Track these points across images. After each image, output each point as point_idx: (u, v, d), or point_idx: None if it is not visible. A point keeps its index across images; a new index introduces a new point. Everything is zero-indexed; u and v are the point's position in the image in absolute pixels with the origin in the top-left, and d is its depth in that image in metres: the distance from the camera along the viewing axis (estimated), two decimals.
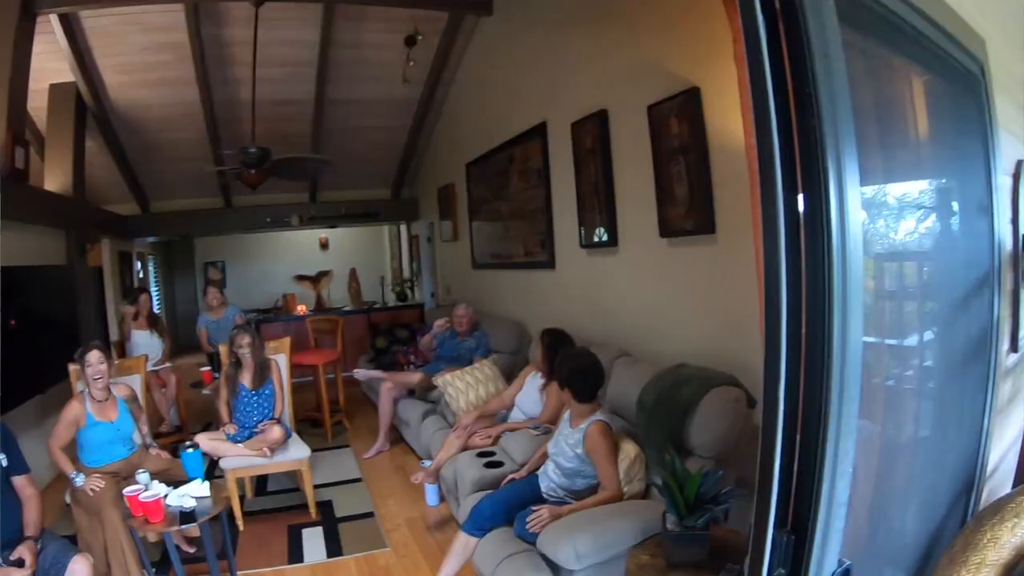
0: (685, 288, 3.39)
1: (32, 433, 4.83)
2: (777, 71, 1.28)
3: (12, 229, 5.22)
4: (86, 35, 6.02)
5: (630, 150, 3.77)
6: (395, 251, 11.66)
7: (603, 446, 2.81)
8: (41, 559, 2.74)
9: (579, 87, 4.38)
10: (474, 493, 3.42)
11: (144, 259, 11.37)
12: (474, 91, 6.76)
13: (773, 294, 1.31)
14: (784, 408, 1.27)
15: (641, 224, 3.69)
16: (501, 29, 5.85)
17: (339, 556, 3.73)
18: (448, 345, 5.53)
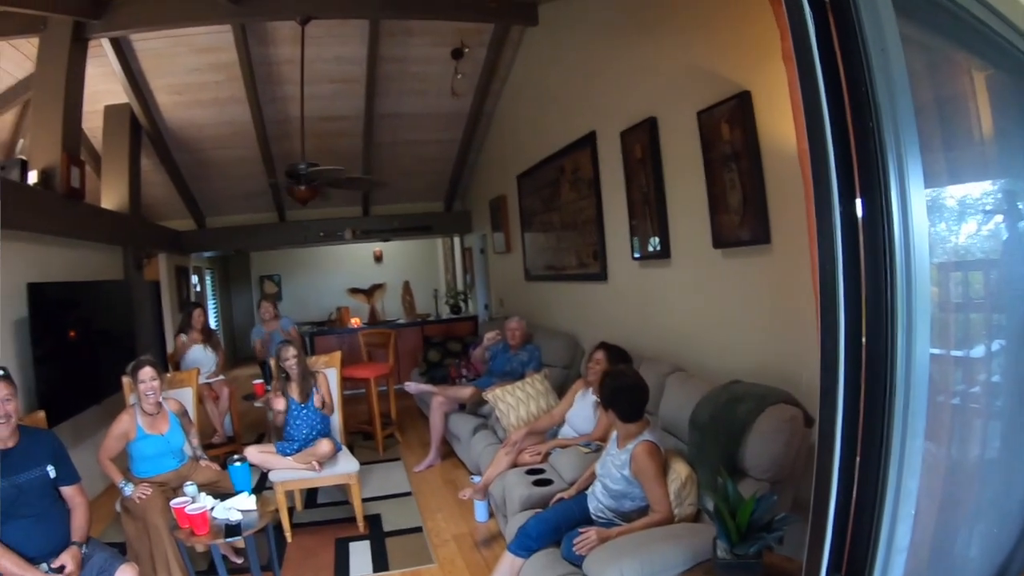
0: (740, 300, 3.25)
1: (88, 442, 4.99)
2: (829, 67, 1.19)
3: (71, 246, 5.44)
4: (138, 58, 6.22)
5: (681, 158, 3.67)
6: (448, 264, 11.70)
7: (651, 467, 2.70)
8: (88, 567, 2.79)
9: (627, 95, 4.29)
10: (522, 511, 3.35)
11: (201, 273, 11.71)
12: (523, 102, 6.73)
13: (829, 306, 1.21)
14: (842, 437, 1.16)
15: (694, 235, 3.57)
16: (547, 39, 5.82)
17: (385, 571, 3.71)
18: (500, 358, 5.48)
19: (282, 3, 5.52)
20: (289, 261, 13.30)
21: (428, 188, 9.49)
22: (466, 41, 6.24)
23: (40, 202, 5.01)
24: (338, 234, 9.68)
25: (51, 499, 2.88)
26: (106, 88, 6.51)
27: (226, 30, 5.87)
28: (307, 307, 11.74)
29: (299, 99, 6.39)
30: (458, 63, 6.40)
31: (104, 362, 5.36)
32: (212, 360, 6.22)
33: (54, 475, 2.90)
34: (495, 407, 4.64)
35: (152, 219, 8.69)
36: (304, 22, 5.66)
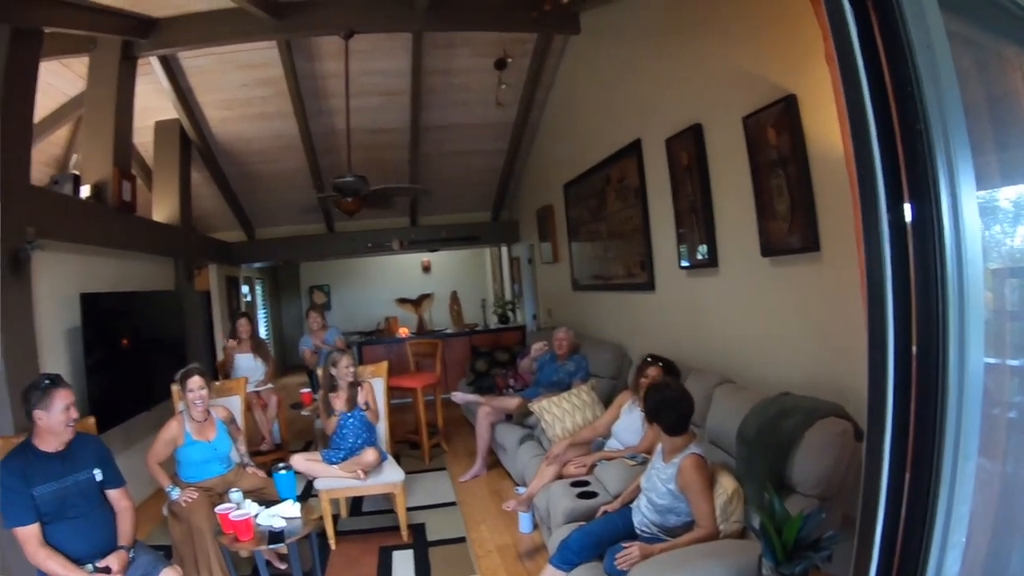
0: (789, 310, 3.15)
1: (136, 448, 5.14)
2: (873, 67, 1.14)
3: (123, 257, 5.64)
4: (186, 74, 6.42)
5: (727, 165, 3.59)
6: (496, 274, 11.72)
7: (697, 481, 2.63)
8: (132, 569, 2.86)
9: (671, 102, 4.24)
10: (566, 524, 3.31)
11: (251, 283, 11.98)
12: (567, 111, 6.71)
13: (877, 316, 1.16)
14: (890, 457, 1.11)
15: (741, 243, 3.49)
16: (590, 47, 5.79)
17: None
18: (548, 369, 5.45)
19: (325, 18, 5.64)
20: (338, 271, 13.52)
21: (475, 198, 9.54)
22: (509, 51, 6.26)
23: (93, 215, 5.20)
24: (386, 245, 9.80)
25: (97, 502, 2.96)
26: (156, 104, 6.74)
27: (271, 46, 6.02)
28: (355, 317, 11.90)
29: (345, 112, 6.48)
30: (502, 73, 6.43)
31: (155, 370, 5.52)
32: (261, 370, 6.34)
33: (100, 478, 2.99)
34: (541, 418, 4.61)
35: (203, 231, 8.95)
36: (347, 36, 5.76)
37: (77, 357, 4.64)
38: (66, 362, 4.55)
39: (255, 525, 3.24)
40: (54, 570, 2.69)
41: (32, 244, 4.02)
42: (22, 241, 3.98)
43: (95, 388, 4.59)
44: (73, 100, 6.45)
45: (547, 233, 7.58)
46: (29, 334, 4.12)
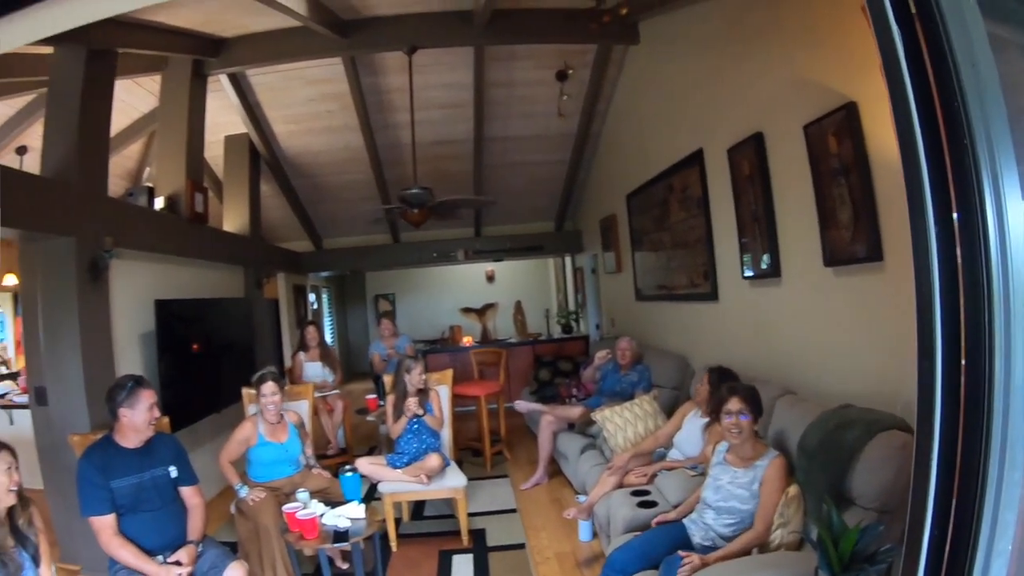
0: (852, 321, 3.09)
1: (203, 449, 5.37)
2: (921, 82, 1.16)
3: (195, 266, 5.94)
4: (254, 91, 6.73)
5: (789, 174, 3.55)
6: (560, 283, 11.76)
7: (778, 481, 2.70)
8: (200, 562, 2.99)
9: (732, 111, 4.22)
10: (626, 533, 3.33)
11: (318, 292, 12.34)
12: (629, 121, 6.72)
13: (926, 326, 1.18)
14: (938, 467, 1.12)
15: (804, 253, 3.44)
16: (650, 57, 5.80)
17: None
18: (611, 378, 5.47)
19: (388, 35, 5.82)
20: (403, 280, 13.79)
21: (539, 209, 9.62)
22: (569, 63, 6.33)
23: (167, 226, 5.51)
24: (451, 255, 9.96)
25: (170, 497, 3.12)
26: (226, 119, 7.08)
27: (336, 62, 6.23)
28: (420, 325, 12.11)
29: (410, 125, 6.65)
30: (563, 85, 6.50)
31: (224, 374, 5.80)
32: (329, 377, 6.53)
33: (175, 475, 3.15)
34: (604, 427, 4.62)
35: (272, 241, 9.33)
36: (410, 52, 5.94)
37: (151, 360, 4.91)
38: (140, 365, 4.82)
39: (320, 524, 3.36)
40: (126, 559, 2.85)
41: (110, 253, 4.30)
42: (100, 250, 4.26)
43: (167, 390, 4.82)
44: (145, 116, 6.85)
45: (610, 243, 7.59)
46: (106, 338, 4.41)
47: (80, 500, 2.91)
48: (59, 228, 4.00)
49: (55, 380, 4.14)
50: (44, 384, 4.19)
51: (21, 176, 4.08)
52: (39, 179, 4.16)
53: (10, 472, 2.46)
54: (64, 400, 4.13)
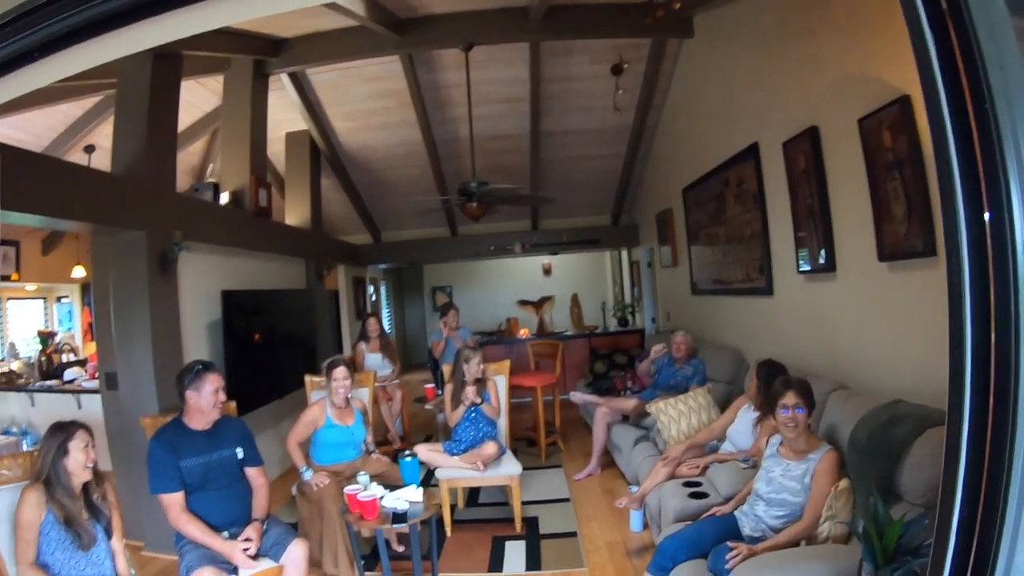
0: (905, 316, 3.06)
1: (268, 432, 5.63)
2: (954, 84, 1.20)
3: (259, 258, 6.19)
4: (314, 89, 6.95)
5: (844, 168, 3.52)
6: (616, 277, 11.74)
7: (829, 475, 2.72)
8: (265, 539, 3.14)
9: (787, 104, 4.18)
10: (675, 523, 3.38)
11: (377, 284, 12.61)
12: (685, 115, 6.69)
13: (956, 314, 1.22)
14: (966, 464, 1.16)
15: (858, 248, 3.41)
16: (704, 50, 5.78)
17: (537, 570, 3.86)
18: (665, 372, 5.49)
19: (445, 33, 5.93)
20: (461, 273, 13.98)
21: (595, 202, 9.63)
22: (625, 57, 6.34)
23: (232, 220, 5.78)
24: (508, 248, 10.07)
25: (236, 477, 3.29)
26: (287, 117, 7.34)
27: (394, 60, 6.38)
28: (478, 318, 12.21)
29: (467, 120, 6.78)
30: (618, 79, 6.52)
31: (286, 362, 6.03)
32: (389, 368, 6.72)
33: (241, 456, 3.32)
34: (657, 419, 4.66)
35: (332, 234, 9.61)
36: (467, 49, 6.05)
37: (217, 348, 5.17)
38: (207, 352, 5.07)
39: (380, 506, 3.49)
40: (193, 534, 3.02)
41: (178, 246, 4.55)
42: (170, 243, 4.51)
43: (232, 376, 5.02)
44: (209, 115, 7.19)
45: (666, 237, 7.57)
46: (175, 326, 4.66)
47: (150, 478, 3.08)
48: (131, 223, 4.25)
49: (126, 366, 4.42)
50: (115, 370, 4.48)
51: (95, 174, 4.37)
52: (112, 176, 4.43)
53: (87, 450, 2.67)
54: (134, 385, 4.40)
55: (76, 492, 2.66)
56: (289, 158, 8.06)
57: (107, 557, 2.70)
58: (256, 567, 3.06)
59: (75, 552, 2.59)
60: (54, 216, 3.62)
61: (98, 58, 1.31)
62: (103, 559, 2.67)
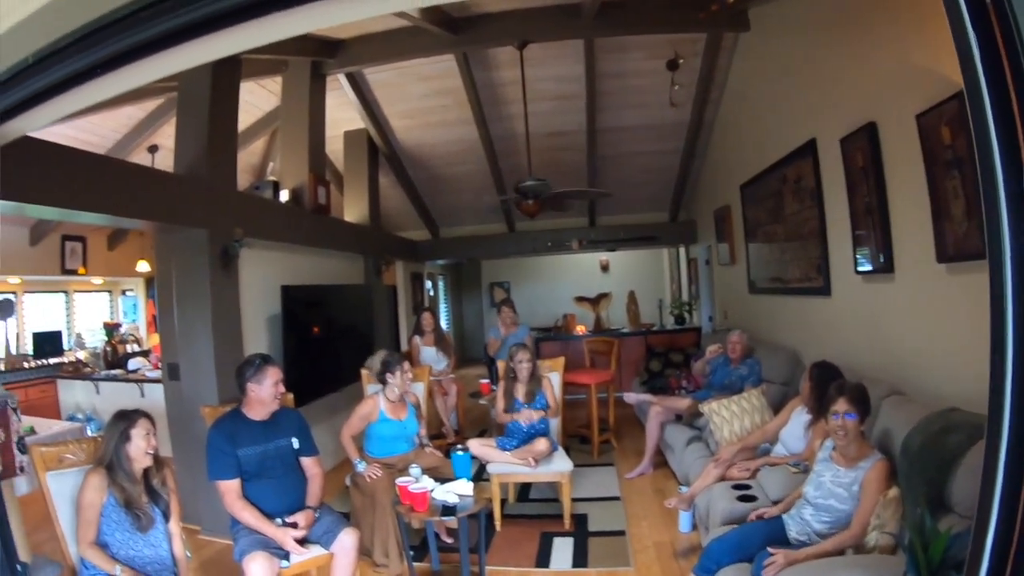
0: (964, 320, 2.93)
1: (324, 424, 5.76)
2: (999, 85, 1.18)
3: (318, 254, 6.36)
4: (371, 88, 7.09)
5: (902, 166, 3.40)
6: (674, 274, 11.59)
7: (878, 484, 2.66)
8: (316, 527, 3.25)
9: (845, 99, 4.06)
10: (723, 525, 3.35)
11: (435, 279, 12.78)
12: (742, 110, 6.55)
13: (998, 318, 1.21)
14: (1005, 471, 1.15)
15: (917, 249, 3.29)
16: (761, 44, 5.66)
17: (583, 568, 3.86)
18: (720, 372, 5.42)
19: (498, 31, 5.98)
20: (518, 269, 14.02)
21: (653, 199, 9.53)
22: (680, 52, 6.26)
23: (291, 217, 5.94)
24: (565, 244, 10.05)
25: (292, 467, 3.40)
26: (345, 116, 7.51)
27: (449, 59, 6.45)
28: (535, 313, 12.27)
29: (523, 117, 6.81)
30: (674, 74, 6.43)
31: (344, 356, 6.16)
32: (444, 362, 6.81)
33: (297, 446, 3.43)
34: (711, 419, 4.61)
35: (390, 230, 9.79)
36: (521, 46, 6.07)
37: (276, 341, 5.33)
38: (266, 345, 5.24)
39: (430, 498, 3.56)
40: (247, 520, 3.15)
41: (239, 242, 4.73)
42: (230, 239, 4.69)
43: (291, 369, 5.14)
44: (268, 115, 7.42)
45: (724, 234, 7.44)
46: (236, 320, 4.83)
47: (208, 465, 3.22)
48: (192, 221, 4.43)
49: (187, 358, 4.62)
50: (177, 361, 4.69)
51: (158, 174, 4.57)
52: (174, 176, 4.62)
53: (147, 437, 2.82)
54: (195, 376, 4.58)
55: (137, 477, 2.81)
56: (348, 156, 8.24)
57: (164, 539, 2.84)
58: (307, 553, 3.17)
59: (133, 533, 2.74)
60: (119, 215, 3.81)
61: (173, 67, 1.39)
62: (160, 541, 2.82)
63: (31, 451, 2.90)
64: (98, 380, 7.91)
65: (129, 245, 9.78)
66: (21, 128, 1.67)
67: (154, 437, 2.85)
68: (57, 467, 2.87)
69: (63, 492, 2.83)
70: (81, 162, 3.58)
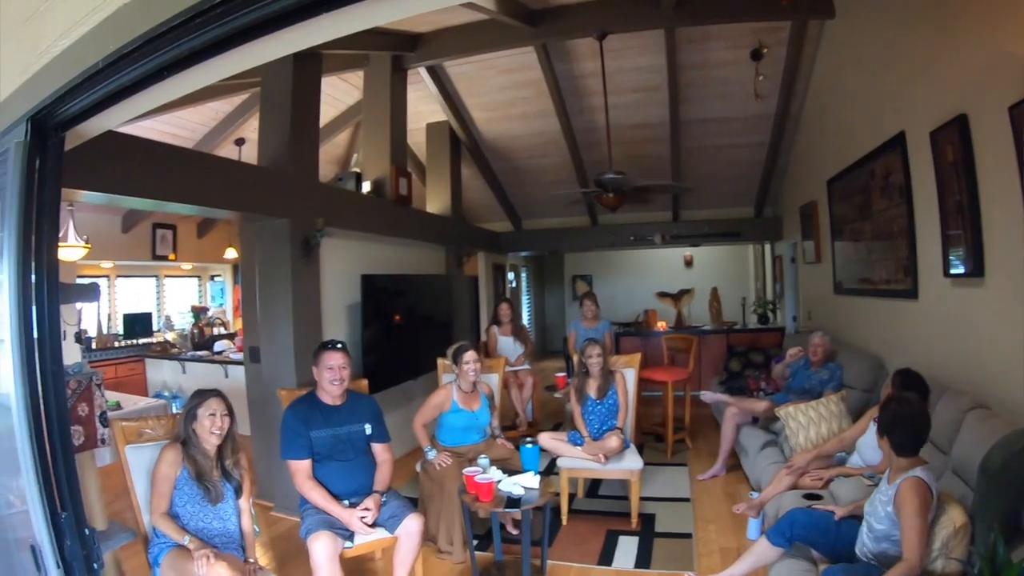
0: None
1: (399, 411, 5.89)
2: None
3: (399, 244, 6.51)
4: (452, 81, 7.18)
5: (994, 161, 3.18)
6: (759, 271, 11.21)
7: (910, 504, 2.42)
8: (383, 510, 3.34)
9: (934, 90, 3.82)
10: None
11: (517, 271, 12.84)
12: (829, 101, 6.25)
13: None
14: None
15: (1010, 252, 3.07)
16: (847, 32, 5.38)
17: (646, 568, 3.83)
18: (800, 375, 5.24)
19: (577, 22, 5.93)
20: (601, 262, 13.92)
21: (737, 193, 9.25)
22: (764, 41, 6.04)
23: (373, 207, 6.10)
24: (648, 239, 9.91)
25: (362, 451, 3.51)
26: (427, 108, 7.65)
27: (529, 51, 6.46)
28: (616, 308, 12.10)
29: (604, 109, 6.75)
30: (758, 64, 6.22)
31: (422, 345, 6.29)
32: (520, 352, 6.85)
33: (369, 432, 3.54)
34: (786, 424, 4.47)
35: (473, 221, 9.92)
36: (601, 37, 6.02)
37: (355, 328, 5.49)
38: (345, 332, 5.40)
39: (496, 489, 3.60)
40: (315, 499, 3.28)
41: (320, 232, 4.89)
42: (312, 229, 4.86)
43: (369, 356, 5.37)
44: (351, 108, 7.64)
45: (810, 231, 7.13)
46: (315, 307, 5.01)
47: (282, 445, 3.37)
48: (275, 211, 4.62)
49: (268, 342, 4.83)
50: (258, 345, 4.93)
51: (243, 167, 4.79)
52: (258, 169, 4.84)
53: (213, 417, 2.94)
54: (275, 359, 4.79)
55: (208, 452, 2.96)
56: (430, 148, 8.39)
57: (233, 513, 2.98)
58: (371, 535, 3.28)
59: (204, 506, 2.89)
60: (204, 206, 4.03)
61: (251, 61, 1.47)
62: (229, 515, 2.97)
63: (112, 425, 3.10)
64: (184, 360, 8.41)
65: (218, 233, 10.34)
66: (101, 125, 1.81)
67: (223, 418, 2.97)
68: (136, 441, 3.06)
69: (140, 464, 3.02)
70: (169, 156, 3.83)
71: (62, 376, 1.73)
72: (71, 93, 1.61)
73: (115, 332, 9.17)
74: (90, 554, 1.68)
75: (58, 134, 1.75)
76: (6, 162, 1.73)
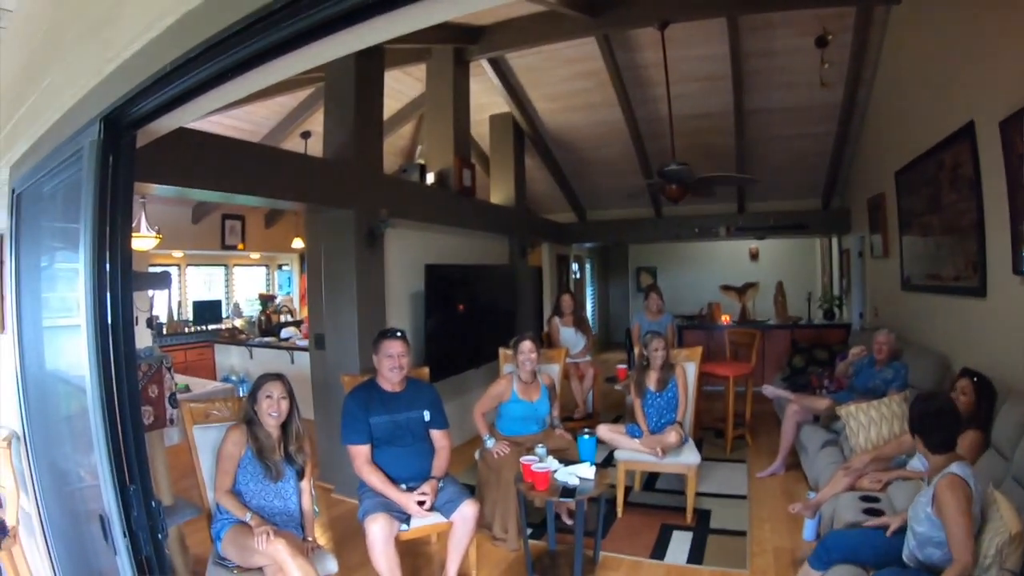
0: None
1: (459, 399, 6.01)
2: None
3: (463, 235, 6.61)
4: (514, 73, 7.25)
5: None
6: (825, 265, 10.88)
7: (950, 502, 2.35)
8: (440, 496, 3.44)
9: (1004, 76, 3.63)
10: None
11: (581, 262, 12.83)
12: (895, 90, 6.01)
13: None
14: None
15: None
16: (913, 17, 5.18)
17: (698, 564, 3.84)
18: (864, 373, 5.11)
19: (638, 12, 5.91)
20: (665, 254, 13.78)
21: (804, 185, 9.02)
22: (829, 28, 5.86)
23: (436, 199, 6.22)
24: (712, 231, 9.79)
25: (421, 437, 3.61)
26: (490, 100, 7.74)
27: (590, 42, 6.46)
28: (680, 300, 11.98)
29: (666, 99, 6.69)
30: (823, 52, 6.04)
31: (484, 334, 6.36)
32: (581, 343, 6.87)
33: (428, 419, 3.65)
34: (847, 424, 4.38)
35: (536, 212, 9.96)
36: (662, 27, 5.96)
37: (418, 317, 5.62)
38: (409, 321, 5.54)
39: (552, 479, 3.66)
40: (374, 483, 3.39)
41: (385, 222, 5.02)
42: (376, 220, 4.99)
43: (431, 344, 5.48)
44: (414, 101, 7.79)
45: (878, 224, 6.88)
46: (379, 296, 5.14)
47: (342, 429, 3.50)
48: (340, 202, 4.76)
49: (333, 329, 5.00)
50: (323, 332, 5.10)
51: (308, 159, 4.96)
52: (323, 161, 5.01)
53: (270, 400, 3.08)
54: (339, 346, 4.96)
55: (272, 433, 3.11)
56: (493, 139, 8.47)
57: (294, 493, 3.13)
58: (427, 519, 3.38)
59: (265, 484, 3.04)
60: (270, 197, 4.21)
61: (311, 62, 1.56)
62: (290, 494, 3.12)
63: (181, 406, 3.29)
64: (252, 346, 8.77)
65: (285, 223, 10.69)
66: (169, 124, 1.92)
67: (282, 401, 3.10)
68: (203, 421, 3.24)
69: (206, 444, 3.19)
70: (236, 150, 4.01)
71: (134, 359, 1.84)
72: (141, 95, 1.72)
73: (185, 318, 9.63)
74: (155, 525, 1.79)
75: (129, 133, 1.86)
76: (81, 159, 1.86)
